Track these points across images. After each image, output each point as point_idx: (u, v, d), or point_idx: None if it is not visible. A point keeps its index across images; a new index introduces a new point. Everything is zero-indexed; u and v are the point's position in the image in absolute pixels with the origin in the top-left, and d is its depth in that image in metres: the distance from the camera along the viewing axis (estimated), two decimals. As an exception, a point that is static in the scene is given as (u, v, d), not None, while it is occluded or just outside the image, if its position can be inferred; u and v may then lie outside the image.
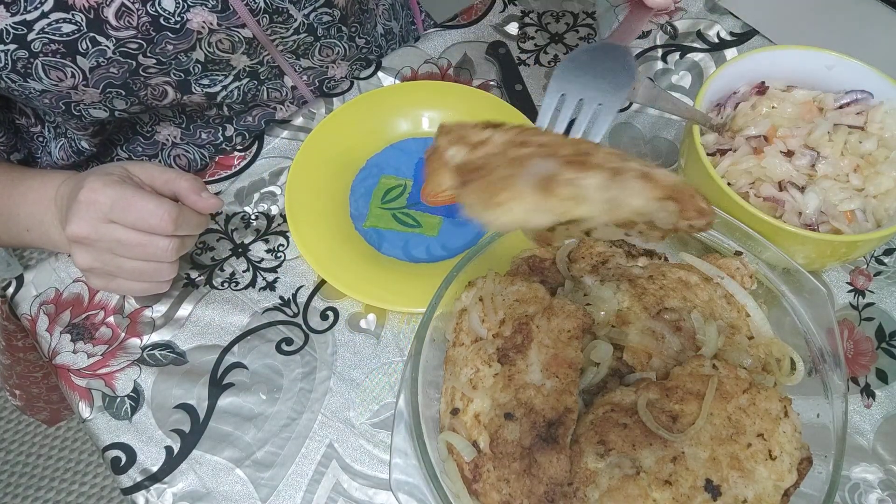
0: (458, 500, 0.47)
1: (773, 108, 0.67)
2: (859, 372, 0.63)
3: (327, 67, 0.83)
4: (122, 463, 0.59)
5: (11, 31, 0.59)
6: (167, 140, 0.80)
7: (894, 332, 0.65)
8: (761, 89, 0.68)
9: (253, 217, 0.72)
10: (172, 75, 0.69)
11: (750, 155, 0.63)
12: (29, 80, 0.63)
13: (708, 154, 0.61)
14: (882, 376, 0.63)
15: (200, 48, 0.68)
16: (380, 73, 0.83)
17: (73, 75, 0.63)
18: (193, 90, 0.72)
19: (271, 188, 0.74)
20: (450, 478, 0.49)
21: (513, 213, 0.36)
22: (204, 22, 0.66)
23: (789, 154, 0.63)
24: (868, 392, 0.62)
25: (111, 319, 0.66)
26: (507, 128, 0.41)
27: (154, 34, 0.64)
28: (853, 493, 0.58)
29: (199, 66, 0.70)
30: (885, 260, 0.69)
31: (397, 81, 0.83)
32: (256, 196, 0.74)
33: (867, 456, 0.59)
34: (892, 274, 0.68)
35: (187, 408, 0.61)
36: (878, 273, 0.68)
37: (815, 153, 0.63)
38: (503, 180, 0.36)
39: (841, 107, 0.65)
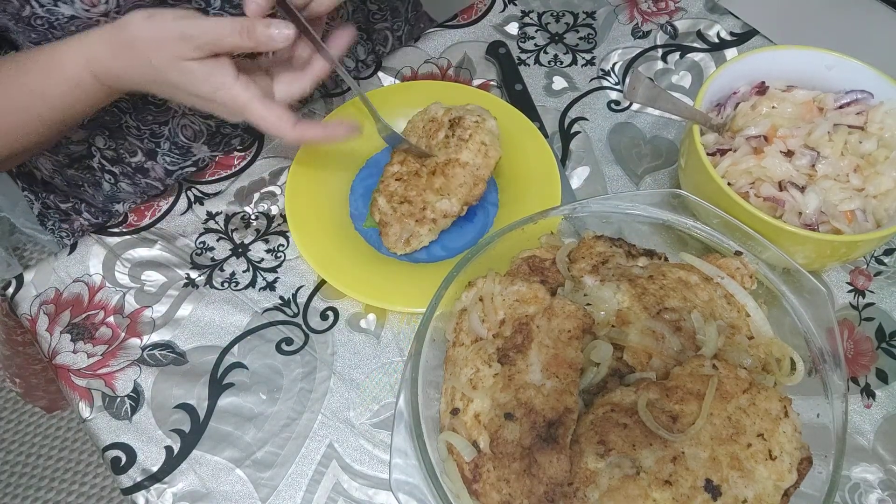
0: (458, 500, 0.47)
1: (773, 108, 0.67)
2: (859, 372, 0.63)
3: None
4: (122, 463, 0.59)
5: None
6: (178, 107, 0.80)
7: (894, 332, 0.65)
8: (761, 89, 0.68)
9: (253, 217, 0.72)
10: (193, 2, 0.70)
11: (750, 155, 0.63)
12: (59, 3, 0.61)
13: (708, 154, 0.61)
14: (882, 376, 0.63)
15: None
16: (380, 73, 0.83)
17: (106, 0, 0.62)
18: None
19: (271, 188, 0.74)
20: (450, 478, 0.49)
21: (421, 242, 0.68)
22: None
23: (789, 154, 0.63)
24: (868, 392, 0.62)
25: (111, 319, 0.66)
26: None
27: None
28: (853, 493, 0.58)
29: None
30: (885, 260, 0.69)
31: (397, 81, 0.83)
32: (256, 196, 0.74)
33: (867, 456, 0.59)
34: (892, 274, 0.68)
35: (187, 408, 0.61)
36: (878, 273, 0.68)
37: (815, 153, 0.63)
38: (406, 230, 0.68)
39: (841, 107, 0.65)
